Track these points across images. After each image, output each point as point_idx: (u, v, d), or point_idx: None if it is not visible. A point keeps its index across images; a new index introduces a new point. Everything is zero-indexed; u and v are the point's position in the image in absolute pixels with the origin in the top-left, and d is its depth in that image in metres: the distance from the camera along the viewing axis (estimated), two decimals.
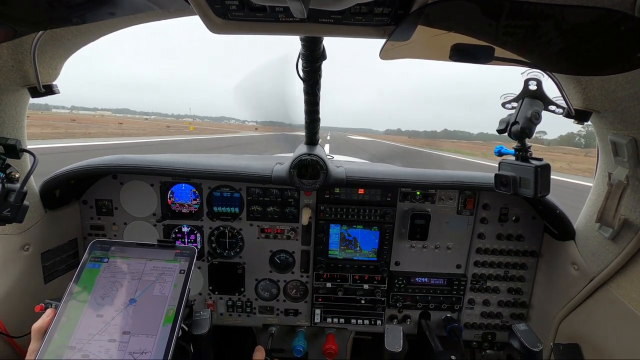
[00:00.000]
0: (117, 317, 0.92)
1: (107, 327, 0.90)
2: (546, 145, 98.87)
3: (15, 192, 1.12)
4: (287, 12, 0.76)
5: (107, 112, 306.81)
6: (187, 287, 1.00)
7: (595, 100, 1.17)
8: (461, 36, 0.85)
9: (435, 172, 1.75)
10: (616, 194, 1.25)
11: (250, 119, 4.78)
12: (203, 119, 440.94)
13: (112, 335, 0.89)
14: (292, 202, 1.84)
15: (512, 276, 1.87)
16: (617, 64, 0.87)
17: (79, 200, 1.80)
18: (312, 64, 1.32)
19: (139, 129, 42.20)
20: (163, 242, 1.10)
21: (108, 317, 0.92)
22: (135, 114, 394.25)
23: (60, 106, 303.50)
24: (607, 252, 1.34)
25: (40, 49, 1.15)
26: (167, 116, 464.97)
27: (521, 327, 1.35)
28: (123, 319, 0.92)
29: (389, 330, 1.44)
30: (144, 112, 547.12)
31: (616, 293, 1.31)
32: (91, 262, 1.03)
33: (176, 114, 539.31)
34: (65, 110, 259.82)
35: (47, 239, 1.58)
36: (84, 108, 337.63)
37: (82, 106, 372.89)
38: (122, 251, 1.07)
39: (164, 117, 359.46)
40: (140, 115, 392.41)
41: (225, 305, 1.97)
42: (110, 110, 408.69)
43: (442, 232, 1.86)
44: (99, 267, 1.01)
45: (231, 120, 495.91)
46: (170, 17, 1.17)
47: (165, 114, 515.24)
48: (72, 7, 0.83)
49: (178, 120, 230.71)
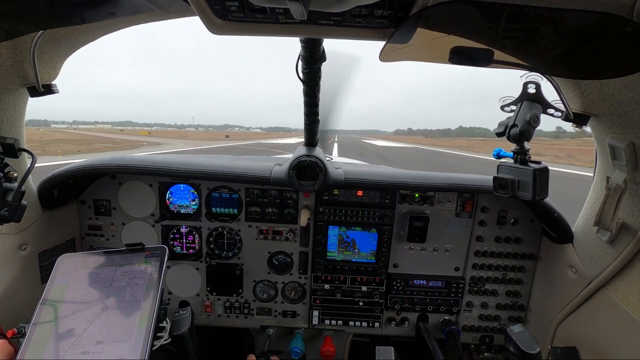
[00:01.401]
0: (89, 328, 0.90)
1: (79, 340, 0.88)
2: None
3: (13, 192, 1.12)
4: (287, 13, 0.76)
5: (107, 126, 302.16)
6: (161, 287, 0.98)
7: (593, 104, 1.17)
8: (460, 39, 0.85)
9: (434, 174, 1.75)
10: (614, 198, 1.25)
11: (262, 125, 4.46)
12: (207, 128, 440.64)
13: (84, 347, 0.87)
14: (290, 203, 1.84)
15: (510, 279, 1.87)
16: (616, 68, 0.88)
17: (77, 200, 1.80)
18: (311, 65, 1.32)
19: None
20: (131, 245, 1.08)
21: (80, 330, 0.90)
22: (137, 127, 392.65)
23: (59, 121, 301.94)
24: (605, 256, 1.34)
25: (39, 49, 1.14)
26: (170, 127, 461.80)
27: (516, 329, 1.30)
28: (96, 329, 0.90)
29: (380, 353, 1.32)
30: (146, 123, 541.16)
31: (614, 296, 1.31)
32: (59, 278, 1.00)
33: (179, 124, 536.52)
34: (66, 125, 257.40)
35: (45, 238, 1.58)
36: (84, 122, 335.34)
37: (83, 120, 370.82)
38: (91, 262, 1.05)
39: (166, 128, 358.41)
40: (142, 127, 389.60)
41: (223, 306, 1.97)
42: (111, 124, 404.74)
43: (440, 234, 1.86)
44: (67, 282, 0.99)
45: (235, 128, 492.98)
46: (170, 18, 1.17)
47: (168, 125, 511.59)
48: (72, 7, 0.83)
49: (180, 130, 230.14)
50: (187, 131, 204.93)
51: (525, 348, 1.22)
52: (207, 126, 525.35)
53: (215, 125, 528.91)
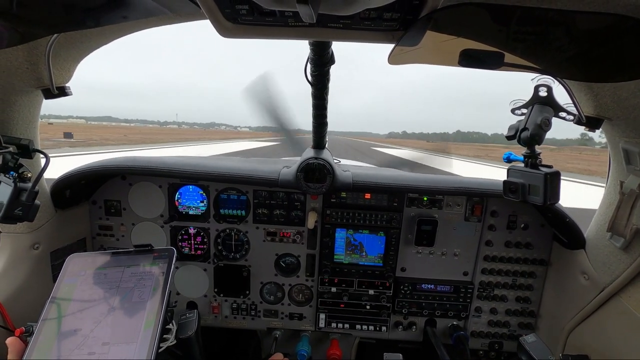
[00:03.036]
0: (96, 329, 0.90)
1: (86, 341, 0.88)
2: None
3: (27, 192, 1.14)
4: (296, 16, 0.76)
5: (81, 121, 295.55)
6: (168, 289, 0.98)
7: (607, 107, 1.15)
8: (470, 42, 0.85)
9: (443, 177, 1.74)
10: (628, 203, 1.23)
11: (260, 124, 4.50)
12: (192, 126, 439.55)
13: (91, 348, 0.87)
14: (298, 205, 1.84)
15: (520, 285, 1.84)
16: (629, 71, 0.86)
17: (88, 200, 1.83)
18: (320, 68, 1.32)
19: None
20: (140, 247, 1.08)
21: (86, 330, 0.90)
22: (119, 122, 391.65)
23: None
24: (619, 262, 1.31)
25: (54, 52, 1.17)
26: (152, 123, 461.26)
27: (529, 338, 1.28)
28: (102, 330, 0.90)
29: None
30: (126, 119, 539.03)
31: (627, 304, 1.28)
32: (68, 277, 1.01)
33: (162, 121, 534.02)
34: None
35: (57, 238, 1.61)
36: (57, 116, 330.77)
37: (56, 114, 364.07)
38: (100, 262, 1.05)
39: (146, 125, 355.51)
40: (121, 122, 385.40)
41: (230, 307, 1.98)
42: (86, 119, 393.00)
43: (449, 238, 1.84)
44: (75, 282, 1.00)
45: (222, 127, 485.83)
46: (181, 21, 1.18)
47: (151, 121, 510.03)
48: (87, 11, 0.85)
49: (161, 127, 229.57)
50: (170, 128, 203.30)
51: (539, 358, 1.19)
52: (191, 124, 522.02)
53: (201, 123, 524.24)
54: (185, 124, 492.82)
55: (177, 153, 20.92)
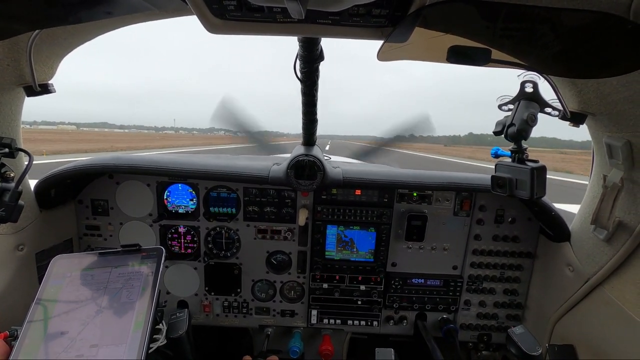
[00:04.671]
0: (84, 331, 0.89)
1: (73, 343, 0.86)
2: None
3: (10, 192, 1.11)
4: (285, 12, 0.76)
5: (72, 127, 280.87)
6: (157, 289, 0.97)
7: (590, 103, 1.18)
8: (458, 38, 0.85)
9: (432, 173, 1.76)
10: (611, 196, 1.26)
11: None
12: (190, 131, 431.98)
13: (79, 350, 0.85)
14: (289, 202, 1.84)
15: (507, 277, 1.88)
16: (612, 67, 0.88)
17: (74, 199, 1.79)
18: (309, 64, 1.32)
19: None
20: (127, 247, 1.07)
21: (74, 333, 0.88)
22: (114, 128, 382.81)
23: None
24: (602, 254, 1.35)
25: (36, 48, 1.14)
26: (149, 129, 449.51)
27: (517, 330, 1.30)
28: (90, 332, 0.89)
29: (380, 354, 1.33)
30: (123, 125, 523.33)
31: (610, 294, 1.31)
32: (54, 279, 0.99)
33: (160, 127, 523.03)
34: (26, 125, 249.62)
35: (42, 238, 1.57)
36: (47, 122, 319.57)
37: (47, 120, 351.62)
38: (86, 263, 1.03)
39: (143, 131, 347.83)
40: (117, 129, 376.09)
41: (221, 306, 1.97)
42: (77, 125, 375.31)
43: (438, 233, 1.86)
44: (61, 283, 0.98)
45: (221, 132, 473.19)
46: (167, 17, 1.16)
47: (147, 127, 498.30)
48: (69, 6, 0.82)
49: (157, 133, 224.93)
50: (167, 134, 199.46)
51: (527, 350, 1.22)
52: (190, 129, 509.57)
53: (200, 129, 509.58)
54: (183, 130, 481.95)
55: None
